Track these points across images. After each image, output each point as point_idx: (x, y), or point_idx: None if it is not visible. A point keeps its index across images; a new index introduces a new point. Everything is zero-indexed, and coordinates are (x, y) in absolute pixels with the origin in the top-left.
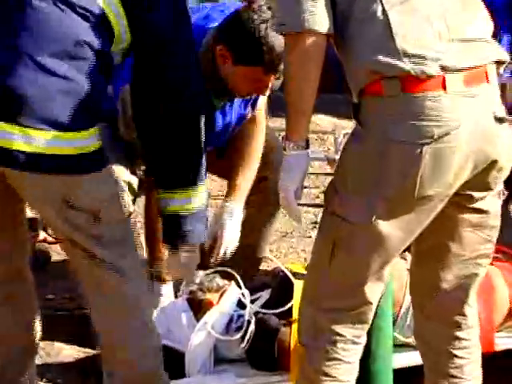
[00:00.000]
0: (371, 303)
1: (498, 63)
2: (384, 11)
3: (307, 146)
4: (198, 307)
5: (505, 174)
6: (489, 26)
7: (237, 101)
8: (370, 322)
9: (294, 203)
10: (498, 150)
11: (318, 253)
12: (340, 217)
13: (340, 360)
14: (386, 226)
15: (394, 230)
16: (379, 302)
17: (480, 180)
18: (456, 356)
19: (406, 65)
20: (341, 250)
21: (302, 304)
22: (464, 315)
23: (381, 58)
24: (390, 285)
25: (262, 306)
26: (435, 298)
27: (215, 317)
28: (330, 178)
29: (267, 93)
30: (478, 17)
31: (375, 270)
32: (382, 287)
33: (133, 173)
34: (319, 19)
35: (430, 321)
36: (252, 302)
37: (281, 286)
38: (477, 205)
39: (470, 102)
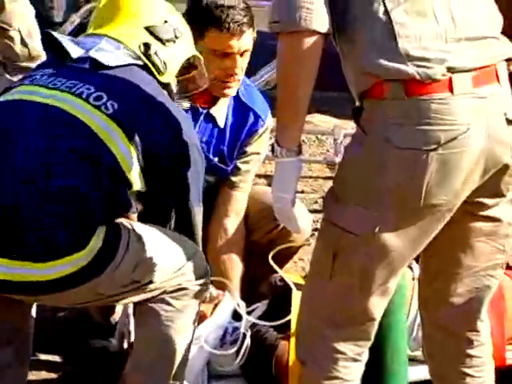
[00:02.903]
0: (374, 319)
1: (510, 61)
2: (386, 11)
3: (300, 152)
4: None
5: None
6: (498, 21)
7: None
8: (373, 338)
9: (292, 214)
10: (511, 153)
11: (317, 265)
12: (340, 227)
13: (341, 379)
14: (390, 237)
15: (398, 240)
16: (392, 314)
17: (491, 186)
18: (468, 375)
19: (409, 68)
20: (342, 263)
21: (300, 318)
22: (476, 331)
23: (383, 61)
24: (403, 296)
25: (259, 318)
26: (445, 313)
27: (209, 330)
28: (329, 182)
29: (238, 71)
30: (487, 13)
31: (379, 284)
32: (386, 302)
33: None
34: (317, 17)
35: (440, 337)
36: (248, 313)
37: (278, 296)
38: (489, 212)
39: (479, 103)
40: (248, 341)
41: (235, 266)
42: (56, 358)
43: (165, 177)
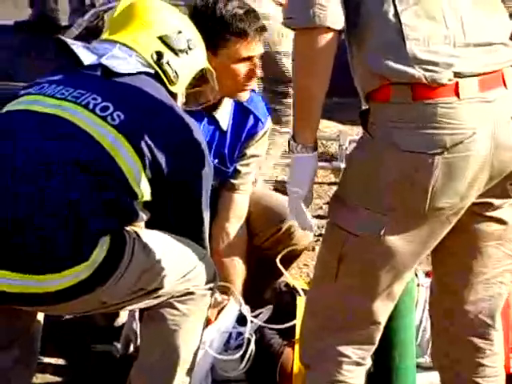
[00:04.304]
0: (379, 323)
1: None
2: (396, 13)
3: (315, 148)
4: None
5: None
6: (507, 27)
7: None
8: (377, 342)
9: (302, 210)
10: None
11: (322, 268)
12: (346, 230)
13: (345, 382)
14: (395, 240)
15: (404, 243)
16: (401, 317)
17: (498, 186)
18: None
19: (416, 71)
20: (347, 266)
21: (305, 321)
22: (490, 340)
23: (390, 63)
24: (413, 299)
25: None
26: (458, 322)
27: (213, 334)
28: (334, 188)
29: (258, 70)
30: (496, 19)
31: (384, 288)
32: (391, 306)
33: None
34: (331, 14)
35: (451, 346)
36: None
37: (283, 302)
38: (495, 214)
39: (485, 107)
40: (253, 346)
41: (238, 269)
42: (60, 362)
43: (174, 186)
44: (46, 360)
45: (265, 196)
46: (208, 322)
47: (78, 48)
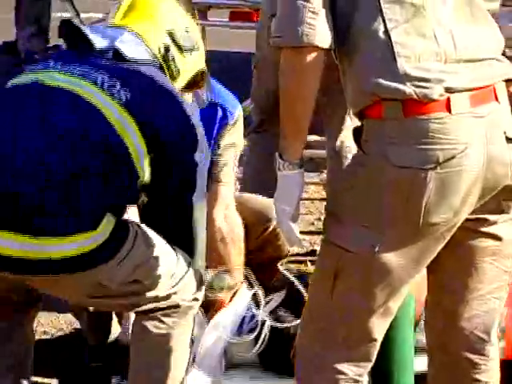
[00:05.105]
0: (375, 340)
1: (509, 81)
2: (386, 31)
3: (302, 165)
4: (209, 307)
5: None
6: (499, 42)
7: None
8: (374, 360)
9: (291, 227)
10: (510, 173)
11: (318, 285)
12: (340, 247)
13: None
14: (390, 256)
15: (398, 260)
16: (399, 329)
17: (492, 202)
18: None
19: (407, 88)
20: (343, 282)
21: (301, 336)
22: (485, 356)
23: (381, 80)
24: (411, 311)
25: (277, 307)
26: (453, 338)
27: (227, 317)
28: (325, 204)
29: None
30: (487, 34)
31: (380, 304)
32: (388, 322)
33: None
34: (319, 33)
35: (447, 362)
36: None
37: (294, 288)
38: (489, 229)
39: (477, 122)
40: (266, 329)
41: (242, 256)
42: (54, 382)
43: (172, 168)
44: (39, 380)
45: (250, 199)
46: (222, 306)
47: (89, 32)
